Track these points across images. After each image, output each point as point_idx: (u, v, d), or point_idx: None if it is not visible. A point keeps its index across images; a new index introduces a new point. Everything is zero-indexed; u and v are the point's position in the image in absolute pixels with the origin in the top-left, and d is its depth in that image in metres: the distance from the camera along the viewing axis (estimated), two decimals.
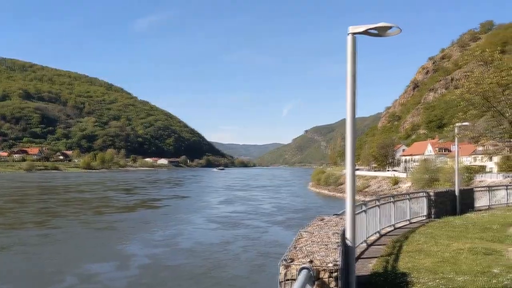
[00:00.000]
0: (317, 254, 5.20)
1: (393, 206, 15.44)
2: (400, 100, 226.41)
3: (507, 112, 13.80)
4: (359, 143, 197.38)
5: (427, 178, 67.04)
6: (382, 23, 6.61)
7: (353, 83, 6.80)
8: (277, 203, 61.69)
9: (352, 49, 6.80)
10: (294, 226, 32.78)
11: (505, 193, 25.69)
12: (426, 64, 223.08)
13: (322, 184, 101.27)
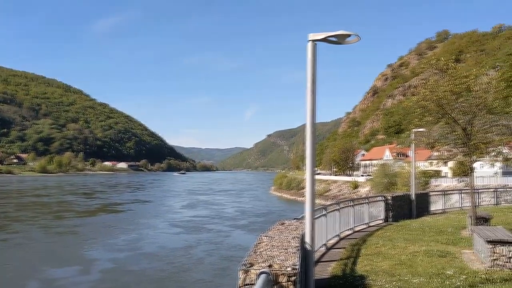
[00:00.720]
0: (276, 259, 5.23)
1: (352, 210, 15.74)
2: (360, 105, 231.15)
3: (460, 119, 14.27)
4: (321, 147, 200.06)
5: (385, 183, 68.66)
6: (341, 31, 6.75)
7: (312, 88, 6.91)
8: (240, 207, 61.80)
9: (312, 55, 6.91)
10: (257, 230, 32.89)
11: (459, 197, 26.63)
12: (385, 71, 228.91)
13: (284, 188, 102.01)
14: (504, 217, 20.52)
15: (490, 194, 30.24)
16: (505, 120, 14.72)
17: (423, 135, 18.00)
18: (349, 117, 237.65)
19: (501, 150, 15.31)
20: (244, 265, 4.85)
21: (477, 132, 14.24)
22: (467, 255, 11.21)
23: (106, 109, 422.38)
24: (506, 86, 21.41)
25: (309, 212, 6.94)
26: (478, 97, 13.90)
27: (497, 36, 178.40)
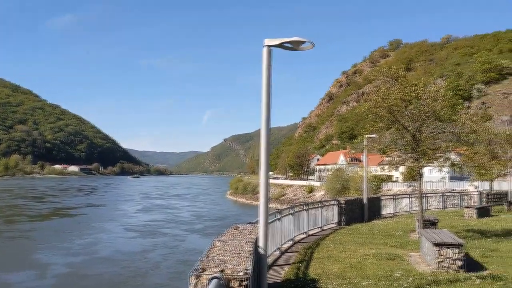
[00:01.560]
0: (229, 263, 5.22)
1: (306, 214, 15.93)
2: (315, 111, 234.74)
3: (410, 126, 14.77)
4: (277, 152, 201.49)
5: (339, 187, 70.04)
6: (296, 38, 6.84)
7: (267, 93, 6.96)
8: (195, 212, 61.56)
9: (267, 60, 6.97)
10: (212, 234, 32.90)
11: (408, 201, 27.55)
12: (340, 78, 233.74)
13: (239, 193, 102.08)
14: (450, 220, 21.41)
15: (438, 198, 31.46)
16: (452, 127, 15.37)
17: (375, 141, 18.51)
18: (305, 122, 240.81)
19: (448, 156, 15.93)
20: (195, 270, 4.81)
21: (425, 138, 14.77)
22: (414, 257, 11.58)
23: (56, 111, 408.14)
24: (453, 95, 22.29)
25: (263, 216, 6.98)
26: (426, 105, 14.42)
27: (445, 46, 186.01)
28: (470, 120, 15.30)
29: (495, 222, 20.31)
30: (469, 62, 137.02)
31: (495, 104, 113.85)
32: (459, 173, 33.02)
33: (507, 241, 14.20)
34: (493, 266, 10.31)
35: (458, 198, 31.98)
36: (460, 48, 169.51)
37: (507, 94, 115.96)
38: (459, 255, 9.75)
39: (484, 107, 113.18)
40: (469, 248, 12.52)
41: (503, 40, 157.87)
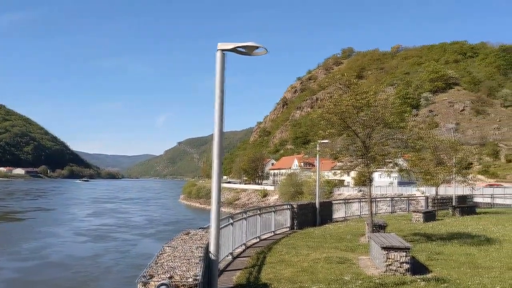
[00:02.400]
0: (178, 270, 5.14)
1: (259, 218, 15.96)
2: (270, 116, 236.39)
3: (360, 132, 15.13)
4: (231, 156, 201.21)
5: (293, 191, 70.76)
6: (250, 43, 6.86)
7: (221, 97, 6.93)
8: (147, 216, 60.74)
9: (221, 64, 6.94)
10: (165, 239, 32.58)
11: (359, 206, 28.15)
12: (295, 83, 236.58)
13: (193, 197, 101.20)
14: (398, 224, 22.04)
15: (387, 203, 32.37)
16: (400, 134, 15.87)
17: (328, 146, 18.85)
18: (260, 126, 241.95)
19: (396, 162, 16.43)
20: (143, 277, 4.70)
21: (374, 144, 15.16)
22: (364, 261, 11.83)
23: (1, 111, 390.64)
24: (402, 103, 23.12)
25: (214, 221, 6.92)
26: (376, 112, 14.83)
27: (395, 56, 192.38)
28: (417, 127, 15.84)
29: (441, 226, 21.08)
30: (417, 72, 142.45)
31: (441, 113, 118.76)
32: (407, 179, 34.15)
33: (451, 245, 14.75)
34: (437, 269, 10.68)
35: (406, 203, 33.01)
36: (410, 57, 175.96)
37: (453, 103, 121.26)
38: (406, 258, 10.04)
39: (431, 115, 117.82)
40: (415, 251, 12.93)
41: (449, 51, 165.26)
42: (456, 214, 27.91)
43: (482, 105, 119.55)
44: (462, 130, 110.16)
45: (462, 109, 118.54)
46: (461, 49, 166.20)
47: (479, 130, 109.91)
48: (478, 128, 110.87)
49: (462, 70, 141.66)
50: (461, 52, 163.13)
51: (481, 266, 11.16)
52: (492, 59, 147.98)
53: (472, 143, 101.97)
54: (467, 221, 23.33)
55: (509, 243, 15.44)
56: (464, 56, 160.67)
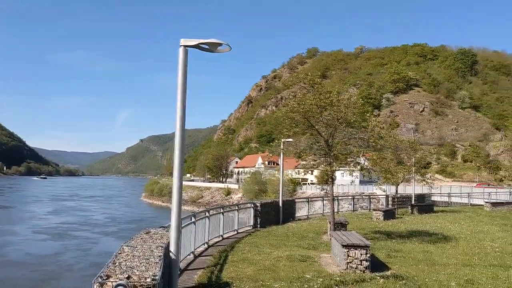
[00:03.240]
0: (136, 269, 5.01)
1: (222, 217, 15.87)
2: (235, 114, 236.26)
3: (324, 132, 15.27)
4: (195, 154, 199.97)
5: (256, 190, 70.95)
6: (213, 39, 6.78)
7: (183, 94, 6.82)
8: (109, 214, 59.81)
9: (183, 61, 6.83)
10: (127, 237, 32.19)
11: (321, 204, 28.48)
12: (260, 82, 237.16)
13: (156, 195, 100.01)
14: (359, 222, 22.41)
15: (348, 201, 32.86)
16: (362, 134, 16.10)
17: (291, 145, 18.95)
18: (224, 124, 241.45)
19: (358, 161, 16.68)
20: (100, 277, 4.56)
21: (337, 143, 15.33)
22: (325, 258, 11.95)
23: None
24: (364, 103, 23.47)
25: (175, 220, 6.81)
26: (339, 112, 14.99)
27: (358, 56, 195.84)
28: (378, 127, 16.11)
29: (400, 224, 21.58)
30: (380, 73, 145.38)
31: (402, 113, 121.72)
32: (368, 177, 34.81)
33: (409, 242, 15.11)
34: (396, 266, 10.90)
35: (367, 201, 33.62)
36: (372, 58, 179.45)
37: (413, 103, 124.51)
38: (366, 256, 10.20)
39: (393, 115, 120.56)
40: (375, 249, 13.16)
41: (411, 53, 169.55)
42: (415, 212, 28.66)
43: (441, 106, 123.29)
44: (421, 131, 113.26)
45: (422, 110, 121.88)
46: (422, 51, 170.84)
47: (438, 131, 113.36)
48: (436, 129, 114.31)
49: (422, 72, 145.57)
50: (421, 55, 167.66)
51: (438, 263, 11.47)
52: (451, 62, 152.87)
53: (431, 143, 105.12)
54: (425, 219, 23.98)
55: (465, 240, 15.96)
56: (424, 58, 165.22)
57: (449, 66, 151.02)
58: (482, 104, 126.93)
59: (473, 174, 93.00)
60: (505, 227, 20.32)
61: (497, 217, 25.49)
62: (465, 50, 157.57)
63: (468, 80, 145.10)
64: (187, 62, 6.87)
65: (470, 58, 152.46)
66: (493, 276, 9.86)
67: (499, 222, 22.43)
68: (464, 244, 15.10)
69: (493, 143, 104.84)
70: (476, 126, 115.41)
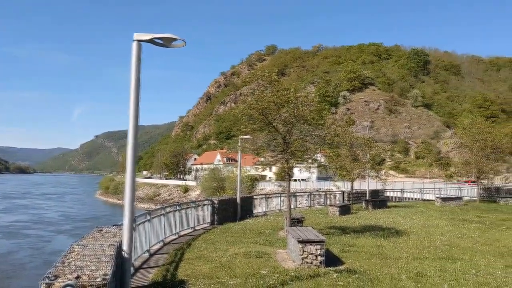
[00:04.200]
0: (86, 269, 4.88)
1: (178, 214, 15.71)
2: (193, 110, 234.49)
3: (281, 129, 15.37)
4: (152, 151, 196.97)
5: (215, 186, 70.76)
6: (167, 34, 6.68)
7: (136, 89, 6.69)
8: (63, 212, 58.39)
9: (137, 55, 6.71)
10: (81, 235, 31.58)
11: (279, 200, 28.71)
12: (219, 78, 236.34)
13: (111, 193, 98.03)
14: (315, 218, 22.74)
15: (306, 197, 33.29)
16: (318, 131, 16.32)
17: (249, 142, 18.98)
18: (182, 121, 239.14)
19: (315, 158, 16.90)
20: (47, 277, 4.41)
21: (294, 141, 15.47)
22: (281, 254, 12.05)
23: None
24: (321, 101, 23.85)
25: (128, 218, 6.68)
26: (296, 109, 15.13)
27: (316, 54, 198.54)
28: (334, 124, 16.39)
29: (355, 219, 22.05)
30: (337, 71, 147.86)
31: (357, 111, 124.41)
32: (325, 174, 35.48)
33: (363, 237, 15.46)
34: (350, 261, 11.13)
35: (323, 197, 34.17)
36: (330, 57, 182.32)
37: (368, 102, 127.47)
38: (321, 251, 10.35)
39: (349, 113, 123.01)
40: (330, 244, 13.39)
41: (366, 52, 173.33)
42: (369, 207, 29.35)
43: (394, 104, 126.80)
44: (376, 128, 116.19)
45: (377, 108, 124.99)
46: (377, 51, 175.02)
47: (392, 128, 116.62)
48: (390, 126, 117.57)
49: (377, 71, 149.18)
50: (377, 54, 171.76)
51: (390, 257, 11.80)
52: (405, 62, 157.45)
53: (385, 140, 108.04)
54: (378, 214, 24.60)
55: (416, 234, 16.50)
56: (379, 57, 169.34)
57: (402, 66, 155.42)
58: (433, 102, 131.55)
59: (425, 170, 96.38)
60: (453, 221, 21.15)
61: (446, 211, 26.52)
62: (418, 50, 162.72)
63: (421, 79, 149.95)
64: (140, 57, 6.75)
65: (422, 58, 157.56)
66: (441, 268, 10.24)
67: (448, 217, 23.33)
68: (415, 238, 15.60)
69: (443, 140, 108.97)
70: (428, 124, 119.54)
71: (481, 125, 36.08)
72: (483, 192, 38.69)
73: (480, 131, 35.17)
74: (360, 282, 8.77)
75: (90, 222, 46.15)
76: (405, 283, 8.73)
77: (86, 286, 4.40)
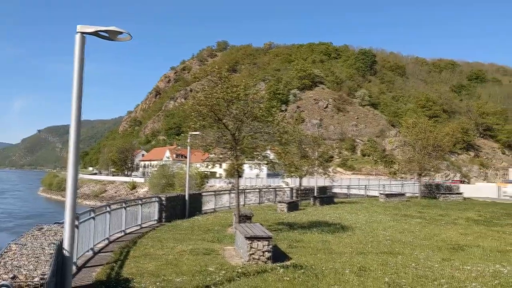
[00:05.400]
0: (24, 269, 4.69)
1: (124, 211, 15.40)
2: (142, 105, 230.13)
3: (230, 125, 15.37)
4: (99, 146, 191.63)
5: (164, 183, 69.75)
6: (112, 27, 6.52)
7: (79, 83, 6.50)
8: (3, 209, 55.82)
9: (80, 48, 6.50)
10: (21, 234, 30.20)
11: (228, 197, 28.72)
12: (169, 73, 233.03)
13: (54, 189, 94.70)
14: (264, 214, 22.93)
15: (255, 194, 33.48)
16: (268, 128, 16.44)
17: (198, 138, 18.85)
18: (130, 116, 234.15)
19: (265, 155, 17.02)
20: None
21: (243, 138, 15.52)
22: (229, 251, 12.08)
23: None
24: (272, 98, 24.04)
25: (69, 215, 6.47)
26: (246, 106, 15.17)
27: (267, 52, 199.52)
28: (283, 121, 16.56)
29: (302, 215, 22.41)
30: (287, 69, 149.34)
31: (307, 109, 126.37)
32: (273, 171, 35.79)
33: (310, 233, 15.75)
34: (296, 256, 11.32)
35: (273, 194, 34.51)
36: (281, 55, 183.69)
37: (317, 100, 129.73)
38: (268, 247, 10.46)
39: (299, 111, 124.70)
40: (278, 240, 13.57)
41: (316, 51, 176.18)
42: (317, 204, 29.91)
43: (342, 103, 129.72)
44: (325, 126, 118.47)
45: (326, 106, 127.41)
46: (327, 50, 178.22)
47: (340, 126, 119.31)
48: (339, 125, 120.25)
49: (326, 70, 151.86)
50: (326, 53, 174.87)
51: (335, 252, 12.10)
52: (353, 61, 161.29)
53: (333, 138, 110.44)
54: (326, 210, 25.12)
55: (360, 230, 16.99)
56: (329, 57, 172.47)
57: (351, 65, 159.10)
58: (379, 102, 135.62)
59: (371, 167, 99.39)
60: (396, 217, 21.94)
61: (390, 207, 27.47)
62: (366, 51, 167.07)
63: (368, 79, 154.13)
64: (84, 50, 6.54)
65: (369, 58, 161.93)
66: (383, 262, 10.61)
67: (391, 212, 24.18)
68: (360, 233, 16.07)
69: (388, 138, 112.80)
70: (374, 122, 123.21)
71: (423, 125, 37.52)
72: (425, 188, 40.36)
73: (422, 130, 36.57)
74: (306, 277, 8.94)
75: (32, 219, 44.42)
76: (348, 277, 8.97)
77: (22, 286, 4.23)
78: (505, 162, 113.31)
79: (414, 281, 8.75)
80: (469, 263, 10.72)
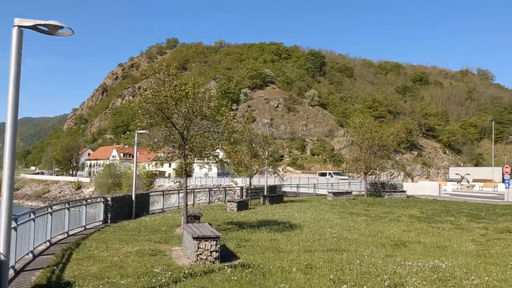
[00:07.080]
0: None
1: (67, 212, 14.87)
2: (88, 103, 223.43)
3: (178, 124, 15.17)
4: (42, 145, 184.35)
5: (110, 183, 68.08)
6: (52, 21, 6.27)
7: (16, 79, 6.19)
8: None
9: (18, 42, 6.21)
10: None
11: (177, 197, 28.37)
12: (116, 70, 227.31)
13: None
14: (214, 214, 22.84)
15: (205, 194, 33.31)
16: (217, 127, 16.36)
17: (146, 136, 18.48)
18: (76, 113, 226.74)
19: (214, 154, 16.93)
20: None
21: (192, 136, 15.37)
22: (176, 252, 11.92)
23: None
24: (222, 97, 23.93)
25: (5, 216, 6.15)
26: (195, 104, 15.01)
27: (218, 50, 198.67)
28: (233, 121, 16.54)
29: (252, 215, 22.50)
30: (238, 68, 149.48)
31: (258, 108, 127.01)
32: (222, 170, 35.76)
33: (259, 232, 15.82)
34: (244, 255, 11.33)
35: (223, 193, 34.46)
36: (232, 54, 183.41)
37: (268, 99, 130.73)
38: (216, 247, 10.41)
39: (250, 110, 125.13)
40: (227, 239, 13.54)
41: (267, 51, 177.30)
42: (267, 203, 30.13)
43: (293, 103, 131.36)
44: (276, 125, 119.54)
45: (276, 106, 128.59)
46: (277, 50, 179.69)
47: (290, 126, 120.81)
48: (289, 124, 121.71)
49: (277, 69, 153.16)
50: (277, 53, 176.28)
51: (283, 250, 12.21)
52: (303, 62, 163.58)
53: (283, 137, 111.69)
54: (275, 209, 25.33)
55: (308, 228, 17.26)
56: (279, 57, 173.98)
57: (301, 66, 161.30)
58: (328, 102, 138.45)
59: (320, 166, 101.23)
60: (342, 215, 22.46)
61: (337, 205, 28.08)
62: (315, 52, 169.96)
63: (317, 79, 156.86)
64: (21, 44, 6.24)
65: (319, 59, 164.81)
66: (329, 260, 10.81)
67: (338, 210, 24.72)
68: (307, 231, 16.32)
69: (337, 138, 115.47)
70: (323, 122, 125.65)
71: (369, 125, 38.58)
72: (370, 187, 41.56)
73: (368, 130, 37.57)
74: (253, 276, 8.96)
75: None
76: (295, 275, 9.07)
77: None
78: (446, 161, 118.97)
79: (358, 278, 8.96)
80: (410, 258, 11.11)
